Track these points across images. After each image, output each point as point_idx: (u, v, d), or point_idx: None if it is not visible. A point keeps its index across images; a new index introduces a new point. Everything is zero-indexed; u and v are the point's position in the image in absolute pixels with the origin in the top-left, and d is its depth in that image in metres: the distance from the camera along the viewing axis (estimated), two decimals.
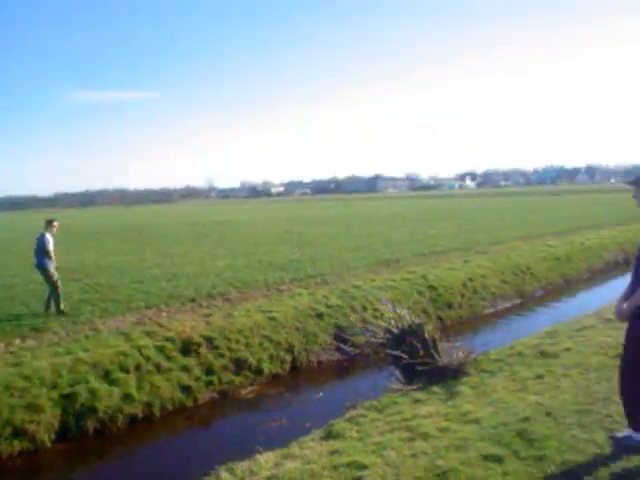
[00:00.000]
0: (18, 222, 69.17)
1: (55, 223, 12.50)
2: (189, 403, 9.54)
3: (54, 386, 8.74)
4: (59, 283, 12.23)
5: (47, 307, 12.32)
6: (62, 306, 12.22)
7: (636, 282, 4.97)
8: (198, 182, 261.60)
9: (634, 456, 4.91)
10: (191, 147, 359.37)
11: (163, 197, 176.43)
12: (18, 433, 7.99)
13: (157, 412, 9.13)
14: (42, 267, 12.11)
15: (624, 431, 5.17)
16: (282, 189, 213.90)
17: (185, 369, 9.96)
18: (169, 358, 10.02)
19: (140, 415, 8.98)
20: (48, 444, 8.14)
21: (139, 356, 9.80)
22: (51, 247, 12.07)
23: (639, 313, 4.85)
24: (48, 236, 12.13)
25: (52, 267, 12.12)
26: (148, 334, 10.67)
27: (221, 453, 7.18)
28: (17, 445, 7.92)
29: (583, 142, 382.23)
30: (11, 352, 9.80)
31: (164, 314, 12.12)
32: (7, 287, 15.64)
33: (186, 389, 9.66)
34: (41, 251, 12.09)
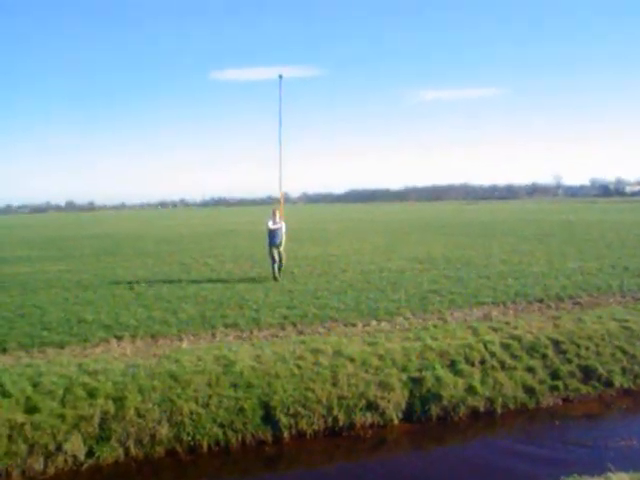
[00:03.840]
0: (374, 212, 75.44)
1: (276, 212, 16.33)
2: (531, 405, 9.33)
3: (404, 368, 9.34)
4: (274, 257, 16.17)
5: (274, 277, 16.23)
6: (278, 276, 16.20)
7: None
8: (545, 179, 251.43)
9: None
10: (537, 143, 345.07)
11: (507, 194, 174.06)
12: (371, 407, 8.74)
13: (498, 408, 9.14)
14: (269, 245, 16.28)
15: None
16: (638, 188, 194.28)
17: (530, 370, 9.77)
18: (514, 356, 9.93)
19: (482, 409, 9.09)
20: (395, 421, 8.75)
21: (484, 350, 9.91)
22: (269, 227, 16.17)
23: None
24: (266, 220, 16.49)
25: (270, 243, 16.22)
26: (494, 330, 10.73)
27: (566, 461, 6.89)
28: (369, 417, 8.67)
29: None
30: (367, 332, 10.73)
31: (510, 311, 12.06)
32: (364, 272, 17.17)
33: (529, 390, 9.47)
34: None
